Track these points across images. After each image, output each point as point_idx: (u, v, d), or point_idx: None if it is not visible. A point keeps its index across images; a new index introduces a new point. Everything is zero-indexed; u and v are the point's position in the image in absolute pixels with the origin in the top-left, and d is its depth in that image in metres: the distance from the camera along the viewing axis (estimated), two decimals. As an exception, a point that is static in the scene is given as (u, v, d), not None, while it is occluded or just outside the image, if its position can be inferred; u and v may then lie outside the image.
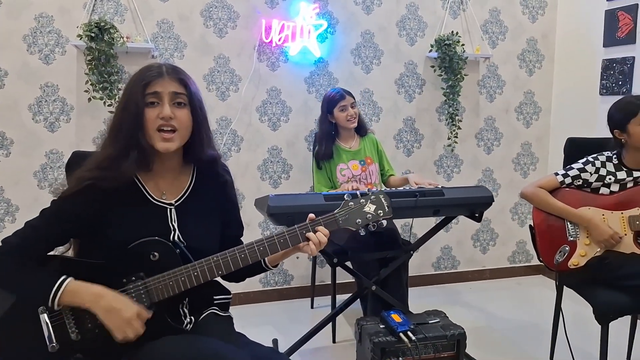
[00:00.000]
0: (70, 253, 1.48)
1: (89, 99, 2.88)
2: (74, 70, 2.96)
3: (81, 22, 2.84)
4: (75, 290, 1.28)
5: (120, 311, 1.27)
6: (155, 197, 1.44)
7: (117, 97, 2.89)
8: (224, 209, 1.56)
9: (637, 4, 3.13)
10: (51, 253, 1.39)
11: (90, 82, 2.87)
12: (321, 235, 1.42)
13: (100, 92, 2.86)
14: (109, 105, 2.89)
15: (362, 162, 2.89)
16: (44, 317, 1.30)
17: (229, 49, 3.19)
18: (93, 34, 2.77)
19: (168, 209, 1.44)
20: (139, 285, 1.35)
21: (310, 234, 1.41)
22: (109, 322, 1.28)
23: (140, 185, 1.43)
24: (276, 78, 3.29)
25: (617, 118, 2.28)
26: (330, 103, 2.84)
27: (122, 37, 2.89)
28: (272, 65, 3.27)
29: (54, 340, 1.30)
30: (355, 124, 2.86)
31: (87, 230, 1.36)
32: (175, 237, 1.42)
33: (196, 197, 1.49)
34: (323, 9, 3.30)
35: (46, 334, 1.30)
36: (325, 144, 2.84)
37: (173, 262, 1.36)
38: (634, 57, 3.18)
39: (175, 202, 1.46)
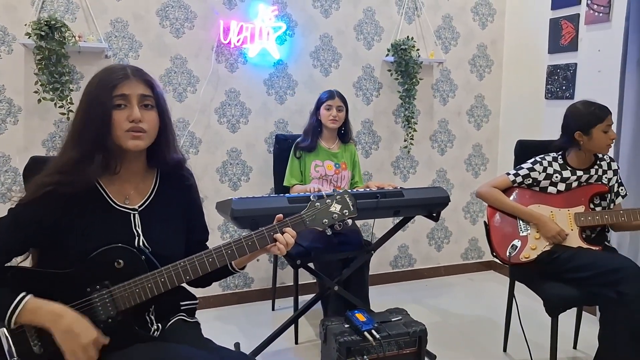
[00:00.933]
0: (28, 263, 1.42)
1: (39, 100, 2.76)
2: (21, 70, 2.83)
3: (29, 20, 2.73)
4: (34, 309, 1.23)
5: (78, 336, 1.23)
6: (118, 203, 1.40)
7: (69, 97, 2.80)
8: (189, 214, 1.55)
9: (579, 14, 3.32)
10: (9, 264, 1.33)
11: (40, 83, 2.75)
12: (288, 236, 1.42)
13: (51, 92, 2.75)
14: (60, 107, 2.78)
15: (337, 165, 2.95)
16: (3, 331, 1.25)
17: (186, 49, 3.15)
18: (43, 33, 2.66)
19: (132, 214, 1.41)
20: (103, 294, 1.31)
21: (278, 235, 1.42)
22: (65, 345, 1.24)
23: (102, 190, 1.39)
24: (235, 79, 3.27)
25: (584, 121, 2.37)
26: (319, 100, 2.94)
27: (74, 36, 2.79)
28: (231, 66, 3.25)
29: (15, 355, 1.24)
30: (335, 126, 2.91)
31: (48, 238, 1.32)
32: (140, 243, 1.39)
33: (160, 202, 1.47)
34: (282, 12, 3.31)
35: (6, 348, 1.24)
36: (312, 137, 2.91)
37: (139, 268, 1.33)
38: (576, 64, 3.37)
39: (139, 207, 1.43)
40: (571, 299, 2.24)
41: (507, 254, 2.42)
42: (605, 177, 2.46)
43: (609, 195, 2.46)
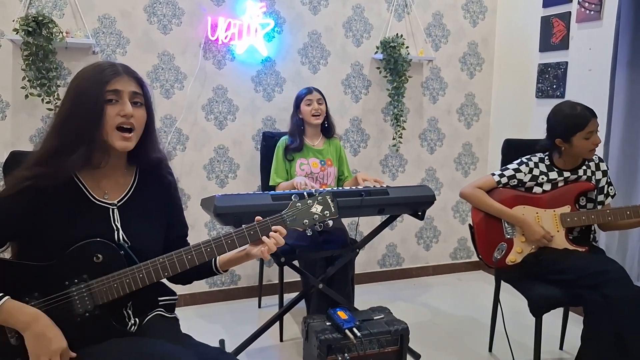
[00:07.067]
0: (7, 254, 1.43)
1: (26, 96, 2.76)
2: (9, 66, 2.83)
3: (17, 16, 2.72)
4: (10, 312, 1.24)
5: (50, 341, 1.24)
6: (97, 197, 1.41)
7: (56, 93, 2.80)
8: (168, 211, 1.55)
9: (570, 12, 3.30)
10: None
11: (27, 78, 2.75)
12: (277, 235, 1.42)
13: (39, 88, 2.76)
14: (47, 103, 2.79)
15: (322, 162, 2.94)
16: None
17: (173, 46, 3.14)
18: (30, 29, 2.66)
19: (110, 209, 1.42)
20: (82, 288, 1.32)
21: (265, 238, 1.42)
22: (34, 347, 1.23)
23: (80, 184, 1.39)
24: (222, 76, 3.26)
25: (563, 129, 2.30)
26: (298, 98, 2.93)
27: (62, 32, 2.79)
28: (219, 63, 3.24)
29: None
30: (319, 121, 2.91)
31: (27, 231, 1.33)
32: (120, 238, 1.40)
33: (139, 198, 1.48)
34: (270, 8, 3.30)
35: None
36: (298, 137, 2.90)
37: (117, 263, 1.34)
38: (567, 62, 3.35)
39: (118, 202, 1.44)
40: (555, 299, 2.23)
41: (493, 258, 2.39)
42: (594, 179, 2.41)
43: (596, 194, 2.41)
